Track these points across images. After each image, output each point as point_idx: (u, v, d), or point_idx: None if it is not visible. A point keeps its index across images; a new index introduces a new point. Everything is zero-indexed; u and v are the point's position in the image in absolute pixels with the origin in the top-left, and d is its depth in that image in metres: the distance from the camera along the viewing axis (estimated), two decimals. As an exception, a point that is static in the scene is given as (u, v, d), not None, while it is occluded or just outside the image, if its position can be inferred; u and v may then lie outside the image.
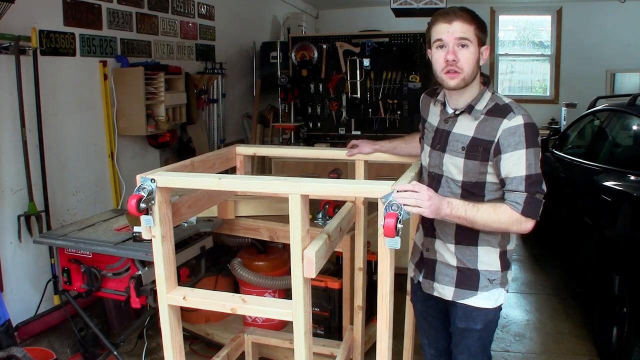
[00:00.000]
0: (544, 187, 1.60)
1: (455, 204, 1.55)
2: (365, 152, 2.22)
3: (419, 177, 1.89)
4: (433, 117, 1.84)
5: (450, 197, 1.60)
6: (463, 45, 1.61)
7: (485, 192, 1.69)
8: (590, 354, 3.06)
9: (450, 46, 1.61)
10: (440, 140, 1.76)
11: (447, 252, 1.78)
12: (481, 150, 1.64)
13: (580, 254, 3.45)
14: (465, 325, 1.79)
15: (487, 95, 1.69)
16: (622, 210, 2.84)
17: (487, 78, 1.74)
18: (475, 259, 1.75)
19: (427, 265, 1.86)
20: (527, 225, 1.58)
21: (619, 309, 2.78)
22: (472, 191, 1.70)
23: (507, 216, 1.57)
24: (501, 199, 1.66)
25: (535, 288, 4.06)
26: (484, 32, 1.65)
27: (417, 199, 1.47)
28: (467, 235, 1.72)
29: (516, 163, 1.58)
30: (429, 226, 1.83)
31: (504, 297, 1.80)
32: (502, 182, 1.64)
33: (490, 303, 1.76)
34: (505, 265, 1.77)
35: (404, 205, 1.44)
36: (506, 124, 1.60)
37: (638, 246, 2.61)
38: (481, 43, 1.63)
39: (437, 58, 1.65)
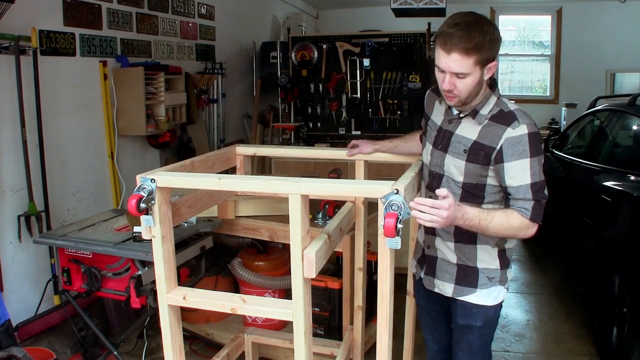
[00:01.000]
0: (546, 192, 1.62)
1: (469, 216, 1.54)
2: (366, 152, 2.22)
3: (419, 176, 1.89)
4: (437, 115, 1.84)
5: (463, 205, 1.58)
6: (461, 77, 1.57)
7: (485, 194, 1.70)
8: (590, 354, 3.06)
9: (447, 77, 1.59)
10: (443, 141, 1.76)
11: (447, 250, 1.79)
12: (482, 154, 1.65)
13: (580, 254, 3.45)
14: (465, 322, 1.80)
15: (493, 99, 1.69)
16: (622, 210, 2.84)
17: (494, 81, 1.73)
18: (474, 257, 1.76)
19: (428, 262, 1.87)
20: (533, 230, 1.62)
21: (619, 309, 2.78)
22: (472, 192, 1.70)
23: (517, 223, 1.59)
24: (501, 202, 1.69)
25: (535, 288, 4.06)
26: (491, 50, 1.56)
27: (433, 215, 1.45)
28: (465, 234, 1.72)
29: (521, 172, 1.59)
30: None
31: (504, 295, 1.81)
32: (503, 188, 1.65)
33: (490, 300, 1.77)
34: (504, 263, 1.78)
35: (418, 219, 1.45)
36: (510, 132, 1.60)
37: (638, 246, 2.61)
38: (486, 63, 1.57)
39: (438, 78, 1.65)
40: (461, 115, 1.72)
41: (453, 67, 1.56)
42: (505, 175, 1.62)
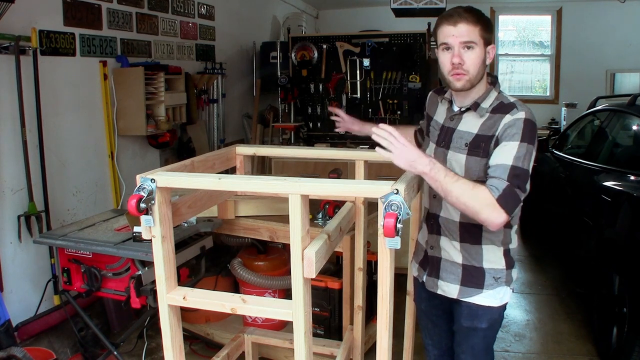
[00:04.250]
0: (528, 186, 1.57)
1: (437, 167, 1.53)
2: (355, 129, 2.26)
3: (419, 176, 1.89)
4: (440, 115, 1.85)
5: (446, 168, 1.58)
6: (469, 48, 1.61)
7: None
8: (590, 354, 3.06)
9: (456, 49, 1.62)
10: (445, 138, 1.77)
11: (453, 250, 1.78)
12: (483, 146, 1.65)
13: (580, 254, 3.45)
14: (470, 324, 1.78)
15: (493, 94, 1.70)
16: (622, 210, 2.85)
17: (495, 78, 1.75)
18: (480, 257, 1.75)
19: (432, 263, 1.86)
20: (499, 217, 1.50)
21: (619, 309, 2.78)
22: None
23: (482, 196, 1.51)
24: None
25: (535, 288, 4.06)
26: (490, 31, 1.66)
27: (391, 142, 1.52)
28: (471, 233, 1.72)
29: (506, 152, 1.57)
30: (433, 223, 1.83)
31: (509, 296, 1.79)
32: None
33: (496, 301, 1.76)
34: (509, 263, 1.77)
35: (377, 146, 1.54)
36: (508, 118, 1.61)
37: (638, 246, 2.61)
38: (487, 43, 1.64)
39: (444, 60, 1.66)
40: (462, 109, 1.72)
41: (461, 35, 1.61)
42: (492, 156, 1.60)
